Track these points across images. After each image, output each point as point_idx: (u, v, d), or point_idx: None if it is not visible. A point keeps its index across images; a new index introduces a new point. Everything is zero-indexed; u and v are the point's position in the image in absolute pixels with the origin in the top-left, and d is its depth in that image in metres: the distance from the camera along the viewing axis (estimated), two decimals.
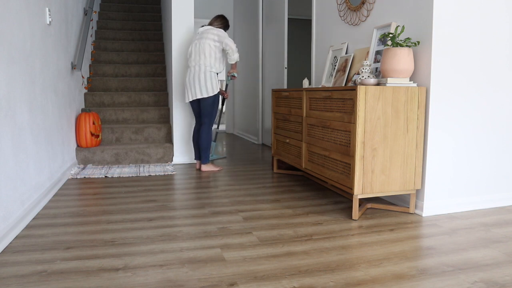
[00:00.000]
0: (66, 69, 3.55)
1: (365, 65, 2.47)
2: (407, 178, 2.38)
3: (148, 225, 2.22)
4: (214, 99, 3.58)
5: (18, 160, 2.18)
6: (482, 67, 2.46)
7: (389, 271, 1.66)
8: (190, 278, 1.59)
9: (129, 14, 6.26)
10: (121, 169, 3.74)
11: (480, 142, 2.52)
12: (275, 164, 3.71)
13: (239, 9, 6.69)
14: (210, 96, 3.54)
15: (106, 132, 4.26)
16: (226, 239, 2.01)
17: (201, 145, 3.68)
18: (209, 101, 3.57)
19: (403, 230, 2.16)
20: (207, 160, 3.73)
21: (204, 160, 3.72)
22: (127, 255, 1.80)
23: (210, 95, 3.52)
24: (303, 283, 1.55)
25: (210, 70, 3.51)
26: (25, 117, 2.33)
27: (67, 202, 2.67)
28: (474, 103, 2.47)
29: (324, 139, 2.65)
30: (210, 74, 3.52)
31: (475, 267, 1.69)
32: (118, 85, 5.00)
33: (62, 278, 1.58)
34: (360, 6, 3.02)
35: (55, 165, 3.04)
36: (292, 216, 2.39)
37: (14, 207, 2.09)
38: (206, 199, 2.76)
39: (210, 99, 3.56)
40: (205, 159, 3.72)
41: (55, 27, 3.15)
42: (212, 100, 3.57)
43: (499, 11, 2.46)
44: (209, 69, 3.51)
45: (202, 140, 3.66)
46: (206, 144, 3.66)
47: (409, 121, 2.34)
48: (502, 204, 2.62)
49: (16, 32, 2.23)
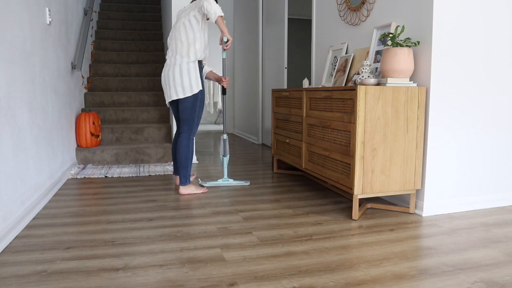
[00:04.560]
0: (66, 69, 3.55)
1: (365, 65, 2.47)
2: (407, 178, 2.38)
3: (148, 225, 2.22)
4: (195, 100, 2.77)
5: (18, 160, 2.18)
6: (482, 67, 2.46)
7: (389, 271, 1.66)
8: (190, 278, 1.59)
9: (129, 14, 6.26)
10: (121, 169, 3.74)
11: (480, 142, 2.52)
12: (275, 164, 3.71)
13: (239, 9, 6.69)
14: (188, 97, 2.75)
15: (106, 132, 4.26)
16: (226, 239, 2.01)
17: (178, 160, 2.84)
18: (187, 103, 2.77)
19: (403, 230, 2.16)
20: (187, 181, 2.85)
21: (183, 180, 2.85)
22: (127, 255, 1.80)
23: (188, 95, 2.73)
24: (303, 283, 1.55)
25: (188, 61, 2.72)
26: (25, 117, 2.33)
27: (67, 202, 2.67)
28: (474, 103, 2.47)
29: (324, 139, 2.65)
30: (187, 67, 2.73)
31: (475, 267, 1.69)
32: (118, 85, 5.00)
33: (62, 278, 1.58)
34: (360, 6, 3.02)
35: (55, 165, 3.04)
36: (292, 216, 2.39)
37: (14, 207, 2.09)
38: (206, 199, 2.76)
39: (189, 100, 2.76)
40: (183, 178, 2.85)
41: (55, 27, 3.15)
42: (191, 101, 2.76)
43: (500, 11, 2.46)
44: (186, 59, 2.73)
45: (179, 152, 2.82)
46: (184, 159, 2.82)
47: (409, 121, 2.34)
48: (502, 204, 2.62)
49: (16, 32, 2.23)
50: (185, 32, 2.74)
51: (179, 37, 2.75)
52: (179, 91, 2.74)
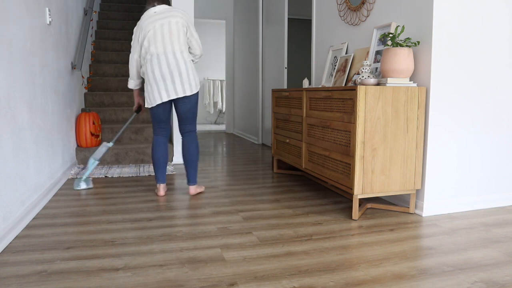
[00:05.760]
0: (66, 69, 3.55)
1: (365, 65, 2.47)
2: (407, 178, 2.38)
3: (148, 225, 2.22)
4: (197, 97, 2.79)
5: (18, 160, 2.18)
6: (482, 67, 2.46)
7: (389, 271, 1.66)
8: (190, 278, 1.59)
9: (129, 14, 6.26)
10: (121, 169, 3.74)
11: (480, 142, 2.52)
12: (275, 164, 3.71)
13: (239, 9, 6.69)
14: (195, 93, 2.74)
15: (106, 132, 4.26)
16: (226, 239, 2.01)
17: (191, 160, 2.80)
18: (194, 99, 2.75)
19: (403, 230, 2.15)
20: (196, 179, 2.89)
21: (194, 179, 2.85)
22: (127, 255, 1.80)
23: (195, 92, 2.70)
24: (303, 283, 1.55)
25: (190, 58, 2.72)
26: (25, 117, 2.33)
27: (67, 202, 2.67)
28: (474, 103, 2.47)
29: (324, 139, 2.65)
30: (191, 64, 2.70)
31: (475, 267, 1.69)
32: (118, 85, 5.00)
33: (62, 278, 1.58)
34: (360, 6, 3.02)
35: (55, 165, 3.04)
36: (292, 216, 2.39)
37: (14, 207, 2.09)
38: (206, 199, 2.76)
39: (196, 97, 2.76)
40: (194, 177, 2.85)
41: (55, 27, 3.15)
42: (197, 98, 2.77)
43: (500, 11, 2.46)
44: (187, 57, 2.69)
45: (194, 153, 2.80)
46: (197, 158, 2.84)
47: (409, 121, 2.34)
48: (502, 204, 2.62)
49: (16, 32, 2.22)
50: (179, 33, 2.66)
51: (176, 35, 2.64)
52: (187, 88, 2.66)
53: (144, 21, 2.67)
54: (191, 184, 2.84)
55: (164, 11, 2.68)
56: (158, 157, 2.80)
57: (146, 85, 2.70)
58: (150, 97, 2.68)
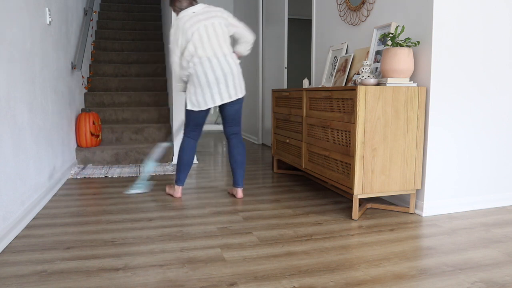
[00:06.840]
0: (66, 69, 3.55)
1: (365, 65, 2.47)
2: (407, 178, 2.38)
3: (148, 225, 2.22)
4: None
5: (18, 160, 2.18)
6: (482, 67, 2.46)
7: (389, 271, 1.66)
8: (190, 278, 1.59)
9: (129, 14, 6.26)
10: (121, 169, 3.74)
11: (480, 142, 2.52)
12: (275, 164, 3.71)
13: (239, 9, 6.69)
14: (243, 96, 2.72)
15: (106, 132, 4.26)
16: (226, 239, 2.01)
17: (243, 161, 2.77)
18: (242, 101, 2.72)
19: (403, 230, 2.16)
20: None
21: (242, 180, 2.82)
22: (127, 255, 1.80)
23: (244, 93, 2.70)
24: (303, 283, 1.55)
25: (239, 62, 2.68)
26: (25, 117, 2.33)
27: (67, 202, 2.67)
28: (474, 103, 2.47)
29: (324, 139, 2.65)
30: (240, 67, 2.71)
31: (475, 267, 1.69)
32: (118, 85, 5.00)
33: (62, 278, 1.58)
34: (360, 6, 3.02)
35: (55, 165, 3.04)
36: (292, 216, 2.39)
37: (14, 207, 2.09)
38: (206, 199, 2.76)
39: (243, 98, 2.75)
40: (242, 179, 2.82)
41: (55, 27, 3.15)
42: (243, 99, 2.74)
43: (500, 11, 2.46)
44: (236, 59, 2.65)
45: (244, 155, 2.77)
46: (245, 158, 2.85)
47: (409, 121, 2.34)
48: (502, 204, 2.62)
49: (16, 32, 2.23)
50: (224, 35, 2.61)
51: (223, 36, 2.58)
52: (239, 91, 2.63)
53: (185, 22, 2.55)
54: (239, 187, 2.78)
55: (203, 11, 2.59)
56: (186, 159, 2.72)
57: (195, 88, 2.57)
58: (200, 100, 2.57)
